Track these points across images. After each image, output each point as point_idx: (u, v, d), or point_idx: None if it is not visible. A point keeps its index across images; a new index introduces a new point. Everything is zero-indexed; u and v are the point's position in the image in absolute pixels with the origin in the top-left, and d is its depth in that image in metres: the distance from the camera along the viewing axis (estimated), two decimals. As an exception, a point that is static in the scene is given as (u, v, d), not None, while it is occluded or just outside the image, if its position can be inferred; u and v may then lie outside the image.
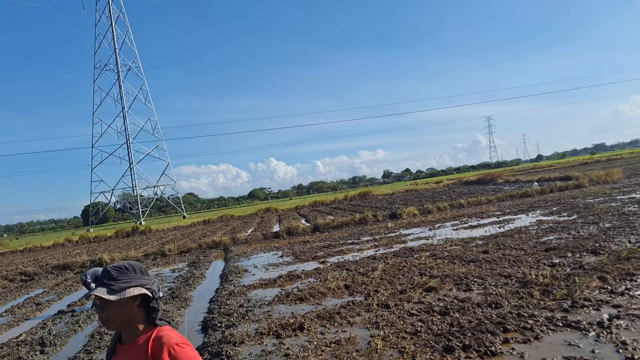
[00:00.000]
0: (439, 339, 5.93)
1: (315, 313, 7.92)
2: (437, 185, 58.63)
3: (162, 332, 2.10)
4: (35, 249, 37.30)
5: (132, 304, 2.12)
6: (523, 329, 5.94)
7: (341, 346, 6.22)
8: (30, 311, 11.83)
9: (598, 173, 31.76)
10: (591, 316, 6.13)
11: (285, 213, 44.14)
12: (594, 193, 23.03)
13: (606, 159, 74.30)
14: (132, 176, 76.07)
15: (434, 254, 11.90)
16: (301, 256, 14.87)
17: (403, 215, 23.67)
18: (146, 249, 23.49)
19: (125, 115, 76.19)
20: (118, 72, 76.67)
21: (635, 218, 13.44)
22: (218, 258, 18.26)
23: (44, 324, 10.09)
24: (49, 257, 27.53)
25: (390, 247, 14.47)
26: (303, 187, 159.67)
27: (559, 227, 13.59)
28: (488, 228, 15.72)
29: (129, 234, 41.08)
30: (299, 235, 21.95)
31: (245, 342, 6.87)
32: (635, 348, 5.03)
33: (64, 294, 14.06)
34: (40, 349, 8.04)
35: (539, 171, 63.37)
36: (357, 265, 11.77)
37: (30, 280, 18.37)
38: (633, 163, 51.68)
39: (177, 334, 2.11)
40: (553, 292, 7.27)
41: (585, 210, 16.77)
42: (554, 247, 10.77)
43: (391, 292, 8.61)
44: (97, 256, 21.15)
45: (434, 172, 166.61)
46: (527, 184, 35.51)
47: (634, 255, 8.91)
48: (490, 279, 8.60)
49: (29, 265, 21.40)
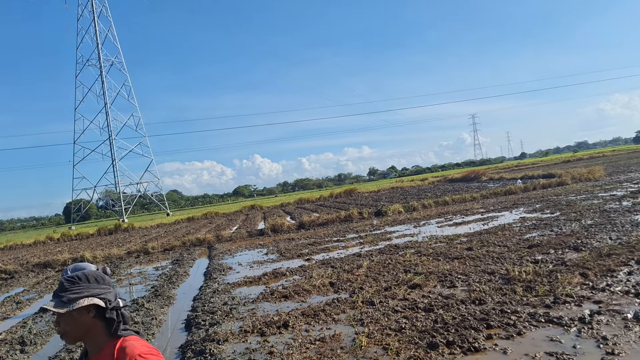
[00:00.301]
0: (423, 336, 5.94)
1: (300, 310, 7.90)
2: (423, 183, 58.92)
3: (127, 343, 1.98)
4: (16, 246, 36.68)
5: (86, 316, 1.99)
6: (506, 325, 5.98)
7: (326, 343, 6.20)
8: (10, 310, 11.62)
9: (580, 171, 32.19)
10: (573, 312, 6.20)
11: (270, 210, 44.02)
12: (576, 190, 23.33)
13: (588, 157, 75.43)
14: (114, 173, 75.36)
15: (419, 251, 11.95)
16: (286, 254, 14.83)
17: (388, 212, 23.75)
18: (129, 246, 23.23)
19: (107, 111, 75.41)
20: (101, 68, 75.82)
21: (616, 215, 13.64)
22: (202, 256, 18.14)
23: (24, 322, 9.91)
24: (30, 255, 27.10)
25: (375, 244, 14.50)
26: (288, 184, 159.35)
27: (541, 224, 13.74)
28: (472, 225, 15.84)
29: (111, 232, 40.60)
30: (284, 232, 21.90)
31: (229, 340, 6.82)
32: (615, 343, 5.09)
33: (44, 292, 13.84)
34: (20, 348, 7.90)
35: (523, 169, 64.04)
36: (342, 263, 11.76)
37: (10, 279, 18.05)
38: (614, 161, 52.50)
39: (143, 344, 2.00)
40: (536, 288, 7.34)
41: (568, 207, 16.98)
42: (537, 244, 10.87)
43: (376, 289, 8.61)
44: (79, 254, 20.87)
45: (419, 170, 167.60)
46: (511, 181, 35.90)
47: (614, 251, 9.03)
48: (474, 276, 8.66)
49: (9, 264, 21.02)
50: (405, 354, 5.49)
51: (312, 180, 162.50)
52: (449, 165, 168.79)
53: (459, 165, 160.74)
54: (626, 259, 8.46)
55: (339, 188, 73.32)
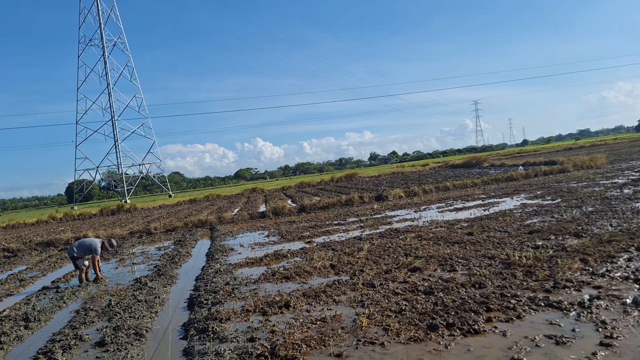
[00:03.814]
0: (423, 318, 6.01)
1: (301, 291, 7.98)
2: (424, 168, 58.91)
3: None
4: (19, 225, 36.82)
5: None
6: (506, 309, 6.04)
7: (327, 323, 6.28)
8: (14, 287, 11.73)
9: (582, 158, 32.14)
10: (572, 297, 6.26)
11: (271, 194, 44.11)
12: (578, 178, 23.34)
13: (590, 145, 75.31)
14: (117, 154, 75.23)
15: (419, 236, 12.01)
16: (287, 236, 14.92)
17: (389, 197, 23.79)
18: (132, 227, 23.36)
19: (110, 92, 74.95)
20: (103, 48, 75.18)
21: (617, 202, 13.67)
22: (204, 237, 18.24)
23: (28, 300, 10.02)
24: (33, 234, 27.25)
25: (376, 228, 14.56)
26: (290, 168, 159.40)
27: (542, 211, 13.77)
28: (473, 211, 15.88)
29: (114, 212, 40.79)
30: (285, 215, 21.99)
31: (232, 319, 6.91)
32: (614, 327, 5.15)
33: (48, 270, 13.96)
34: (24, 324, 7.99)
35: (525, 155, 63.98)
36: (343, 246, 11.84)
37: (13, 257, 18.18)
38: (616, 149, 52.38)
39: None
40: (536, 273, 7.39)
41: (569, 194, 17.00)
42: (538, 229, 10.92)
43: (376, 272, 8.68)
44: (81, 233, 21.00)
45: (421, 155, 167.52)
46: (513, 168, 35.86)
47: (615, 238, 9.08)
48: (475, 260, 8.72)
49: (12, 242, 21.17)
50: (405, 335, 5.56)
51: (314, 164, 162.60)
52: (450, 151, 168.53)
53: (460, 152, 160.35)
54: (626, 245, 8.51)
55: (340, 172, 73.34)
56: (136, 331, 6.92)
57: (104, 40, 75.11)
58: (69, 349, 6.41)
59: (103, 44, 75.18)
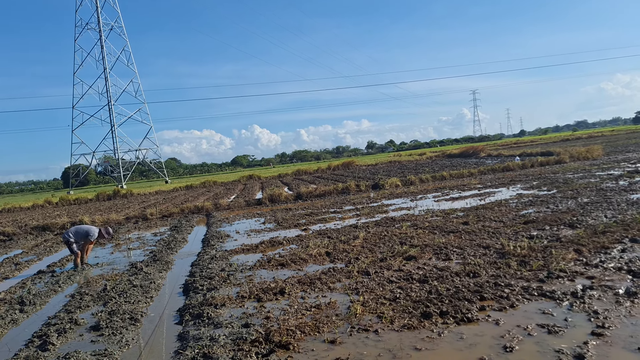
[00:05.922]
0: (417, 305, 6.05)
1: (297, 278, 8.00)
2: (421, 158, 58.85)
3: None
4: (14, 209, 36.76)
5: None
6: (499, 298, 6.08)
7: (321, 310, 6.31)
8: (9, 271, 11.73)
9: (579, 149, 32.19)
10: (566, 287, 6.30)
11: (268, 181, 44.08)
12: (574, 169, 23.39)
13: (587, 136, 75.38)
14: (113, 139, 74.95)
15: (415, 224, 12.04)
16: (283, 223, 14.94)
17: (385, 185, 23.81)
18: (128, 212, 23.35)
19: (107, 77, 74.52)
20: (100, 32, 74.56)
21: (612, 194, 13.72)
22: (200, 223, 18.25)
23: (23, 283, 10.04)
24: (28, 218, 27.21)
25: (372, 216, 14.59)
26: (287, 155, 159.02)
27: (538, 201, 13.81)
28: (469, 200, 15.92)
29: (110, 197, 40.73)
30: (282, 202, 22.00)
31: (227, 305, 6.93)
32: (606, 317, 5.19)
33: (43, 254, 13.96)
34: (19, 307, 8.01)
35: (521, 146, 64.03)
36: (338, 233, 11.87)
37: (8, 241, 18.17)
38: (613, 141, 52.46)
39: None
40: (530, 263, 7.43)
41: (565, 185, 17.05)
42: (533, 220, 10.96)
43: (372, 260, 8.72)
44: (77, 218, 20.98)
45: (418, 144, 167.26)
46: (509, 158, 35.88)
47: (609, 229, 9.12)
48: (469, 249, 8.76)
49: (8, 226, 21.13)
50: (399, 323, 5.60)
51: (311, 152, 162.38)
52: (447, 140, 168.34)
53: (457, 141, 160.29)
54: (620, 236, 8.56)
55: (337, 160, 73.25)
56: (131, 316, 6.94)
57: (100, 24, 74.52)
58: (64, 332, 6.43)
59: (100, 28, 74.60)
